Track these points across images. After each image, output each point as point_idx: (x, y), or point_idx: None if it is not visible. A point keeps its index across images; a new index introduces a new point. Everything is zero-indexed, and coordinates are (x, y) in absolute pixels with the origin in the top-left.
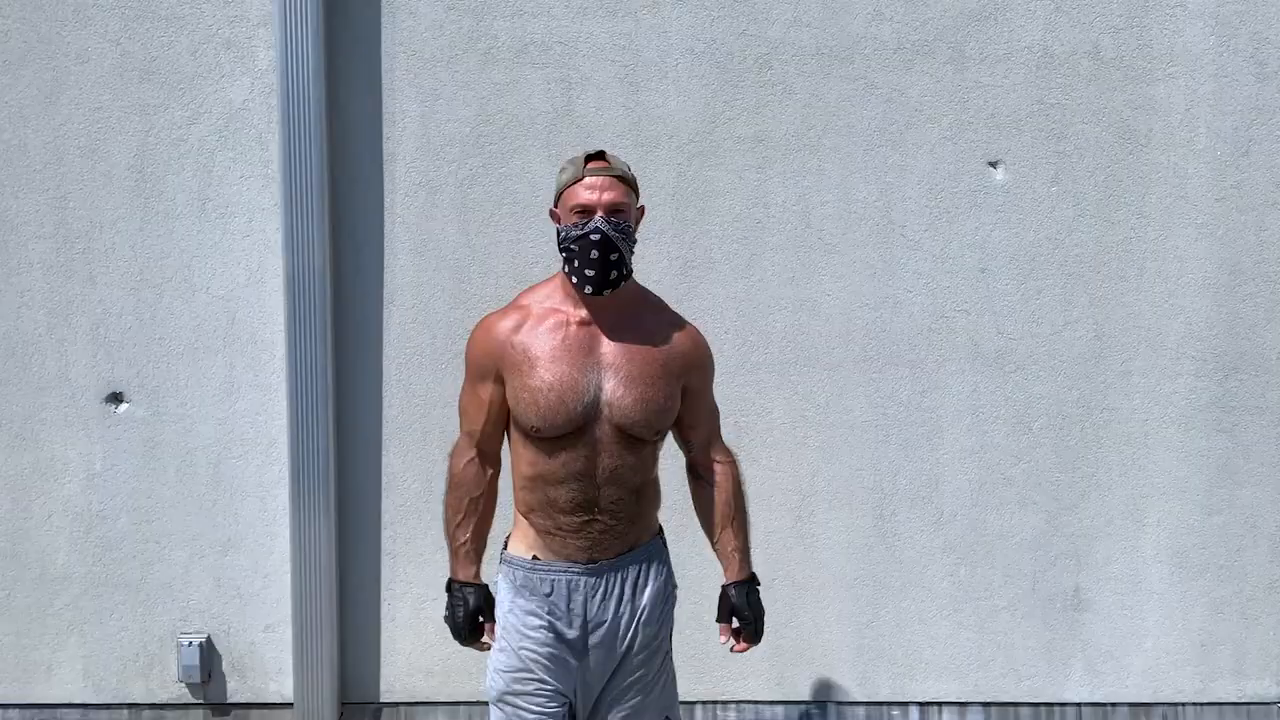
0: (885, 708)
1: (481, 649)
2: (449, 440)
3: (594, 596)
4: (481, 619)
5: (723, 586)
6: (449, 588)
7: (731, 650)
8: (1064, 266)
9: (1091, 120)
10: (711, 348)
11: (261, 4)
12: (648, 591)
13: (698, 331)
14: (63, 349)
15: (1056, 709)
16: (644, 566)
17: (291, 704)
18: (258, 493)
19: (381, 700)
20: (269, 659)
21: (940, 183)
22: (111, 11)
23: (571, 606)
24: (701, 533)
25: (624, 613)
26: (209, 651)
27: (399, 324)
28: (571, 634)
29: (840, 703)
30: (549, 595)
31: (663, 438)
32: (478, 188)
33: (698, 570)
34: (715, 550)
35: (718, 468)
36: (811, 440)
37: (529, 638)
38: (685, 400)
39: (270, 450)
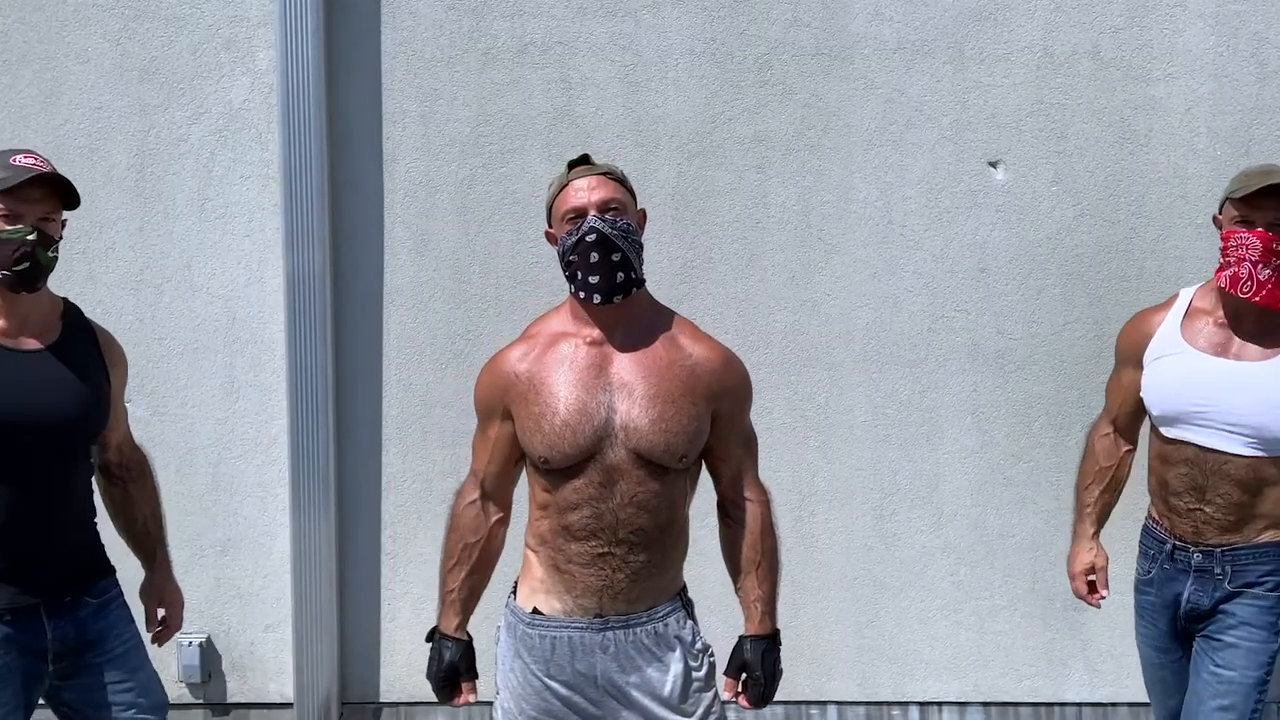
0: (885, 708)
1: (457, 706)
2: (449, 440)
3: (604, 654)
4: (460, 676)
5: (739, 638)
6: (430, 636)
7: (736, 704)
8: (1064, 266)
9: (1091, 120)
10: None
11: (261, 4)
12: (670, 674)
13: (734, 355)
14: None
15: (1056, 709)
16: (662, 630)
17: (291, 704)
18: (258, 493)
19: (381, 700)
20: (269, 659)
21: (940, 183)
22: (111, 11)
23: (578, 667)
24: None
25: (650, 682)
26: (209, 651)
27: (399, 324)
28: (579, 700)
29: (840, 703)
30: (550, 656)
31: (692, 467)
32: (478, 188)
33: (699, 570)
34: (738, 597)
35: (747, 506)
36: (811, 440)
37: (529, 702)
38: (715, 427)
39: (270, 450)
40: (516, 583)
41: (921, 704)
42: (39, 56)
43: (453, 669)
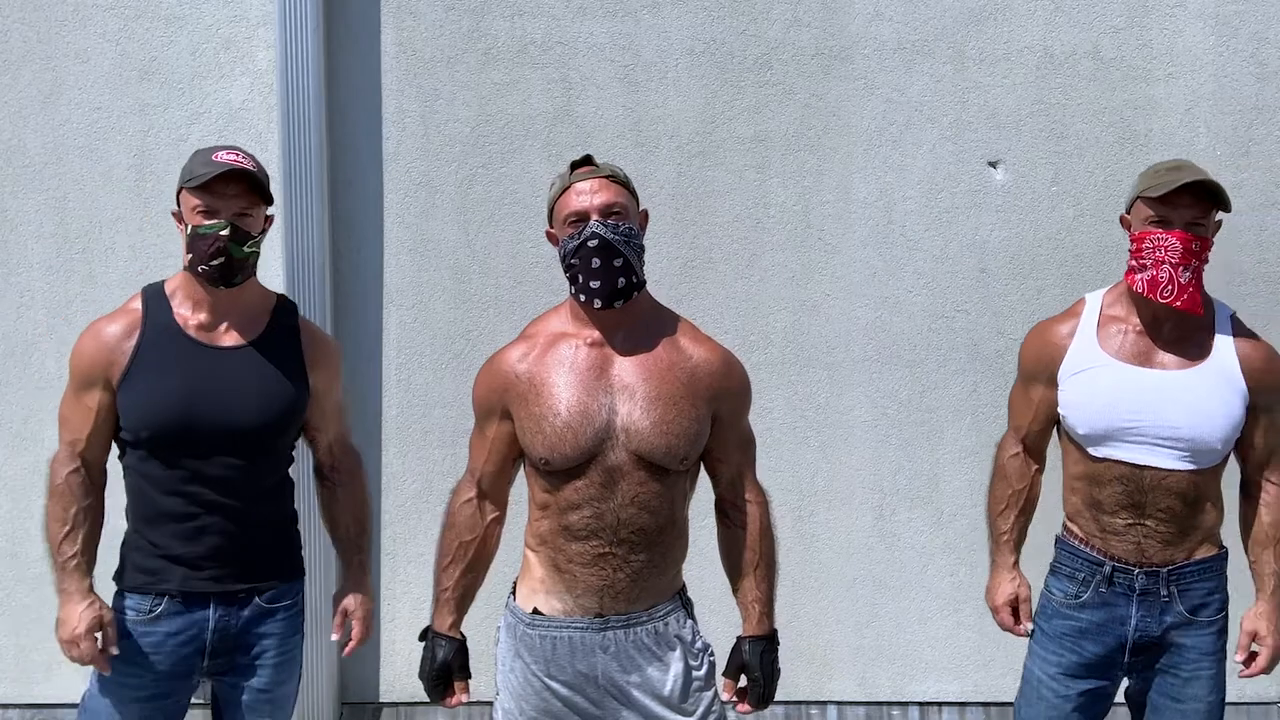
0: (885, 708)
1: (449, 706)
2: (449, 440)
3: (604, 653)
4: (453, 676)
5: (737, 639)
6: (424, 635)
7: (734, 708)
8: (1064, 266)
9: (1091, 120)
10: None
11: (261, 4)
12: (670, 673)
13: (734, 356)
14: (62, 349)
15: None
16: (662, 629)
17: None
18: None
19: (381, 700)
20: None
21: (940, 183)
22: (111, 11)
23: (578, 666)
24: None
25: (651, 682)
26: None
27: (399, 324)
28: (580, 700)
29: (840, 703)
30: (551, 656)
31: (692, 468)
32: (478, 188)
33: (698, 570)
34: (736, 598)
35: (746, 507)
36: (811, 440)
37: (529, 702)
38: (715, 429)
39: None
40: (516, 583)
41: (921, 704)
42: (39, 56)
43: (445, 668)
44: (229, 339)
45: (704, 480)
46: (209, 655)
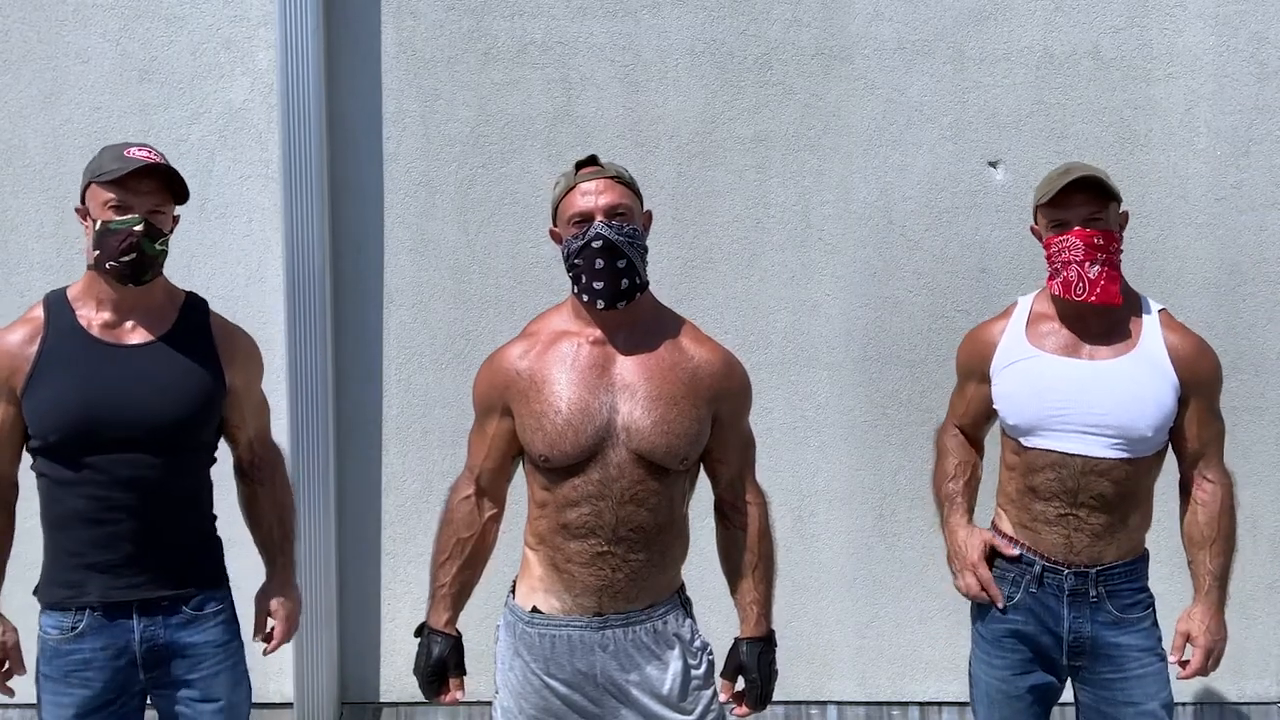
0: (885, 708)
1: (444, 703)
2: (449, 440)
3: (604, 652)
4: (448, 672)
5: (735, 640)
6: (419, 632)
7: (732, 712)
8: None
9: (1091, 120)
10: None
11: (261, 4)
12: (669, 672)
13: (735, 358)
14: None
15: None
16: (661, 628)
17: (291, 704)
18: None
19: (381, 700)
20: (269, 659)
21: (940, 183)
22: (111, 11)
23: (577, 665)
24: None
25: (650, 681)
26: None
27: (399, 324)
28: (579, 698)
29: (840, 703)
30: (550, 654)
31: (692, 468)
32: (478, 188)
33: (699, 570)
34: (734, 599)
35: (745, 509)
36: (811, 440)
37: (528, 700)
38: (715, 430)
39: None
40: (515, 582)
41: (921, 704)
42: (39, 56)
43: (440, 664)
44: (136, 336)
45: (704, 480)
46: (144, 668)
